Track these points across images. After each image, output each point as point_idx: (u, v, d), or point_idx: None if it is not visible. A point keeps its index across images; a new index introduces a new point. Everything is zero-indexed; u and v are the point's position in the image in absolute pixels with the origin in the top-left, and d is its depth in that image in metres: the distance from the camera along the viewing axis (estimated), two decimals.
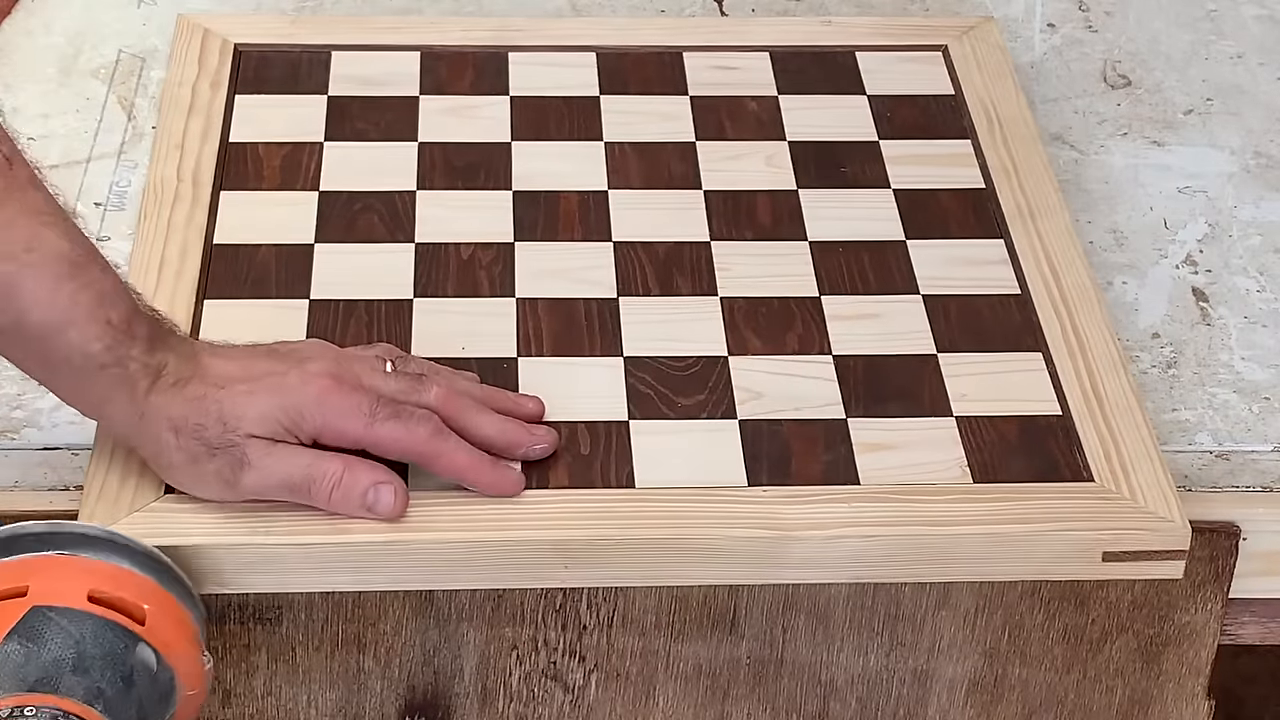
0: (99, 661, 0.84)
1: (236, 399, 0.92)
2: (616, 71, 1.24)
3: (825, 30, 1.29)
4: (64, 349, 0.91)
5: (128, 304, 0.93)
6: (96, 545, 0.88)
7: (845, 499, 0.97)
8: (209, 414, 0.92)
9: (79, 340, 0.90)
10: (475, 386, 1.00)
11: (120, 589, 0.87)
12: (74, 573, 0.87)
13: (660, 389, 1.03)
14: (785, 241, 1.12)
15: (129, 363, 0.91)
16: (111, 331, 0.91)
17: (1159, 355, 1.09)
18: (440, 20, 1.31)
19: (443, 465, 0.95)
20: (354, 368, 0.95)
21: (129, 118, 1.22)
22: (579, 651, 1.00)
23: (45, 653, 0.84)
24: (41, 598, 0.85)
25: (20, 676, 0.83)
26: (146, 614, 0.87)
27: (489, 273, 1.09)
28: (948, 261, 1.11)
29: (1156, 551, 0.97)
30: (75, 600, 0.85)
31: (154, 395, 0.92)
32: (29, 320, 0.90)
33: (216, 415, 0.92)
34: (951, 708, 1.03)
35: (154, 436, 0.92)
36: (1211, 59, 1.32)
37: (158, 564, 0.89)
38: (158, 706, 0.86)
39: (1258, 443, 1.04)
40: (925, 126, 1.21)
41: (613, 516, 0.96)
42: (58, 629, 0.84)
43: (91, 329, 0.91)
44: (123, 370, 0.91)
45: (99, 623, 0.85)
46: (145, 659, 0.86)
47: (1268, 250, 1.17)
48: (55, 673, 0.83)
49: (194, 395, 0.92)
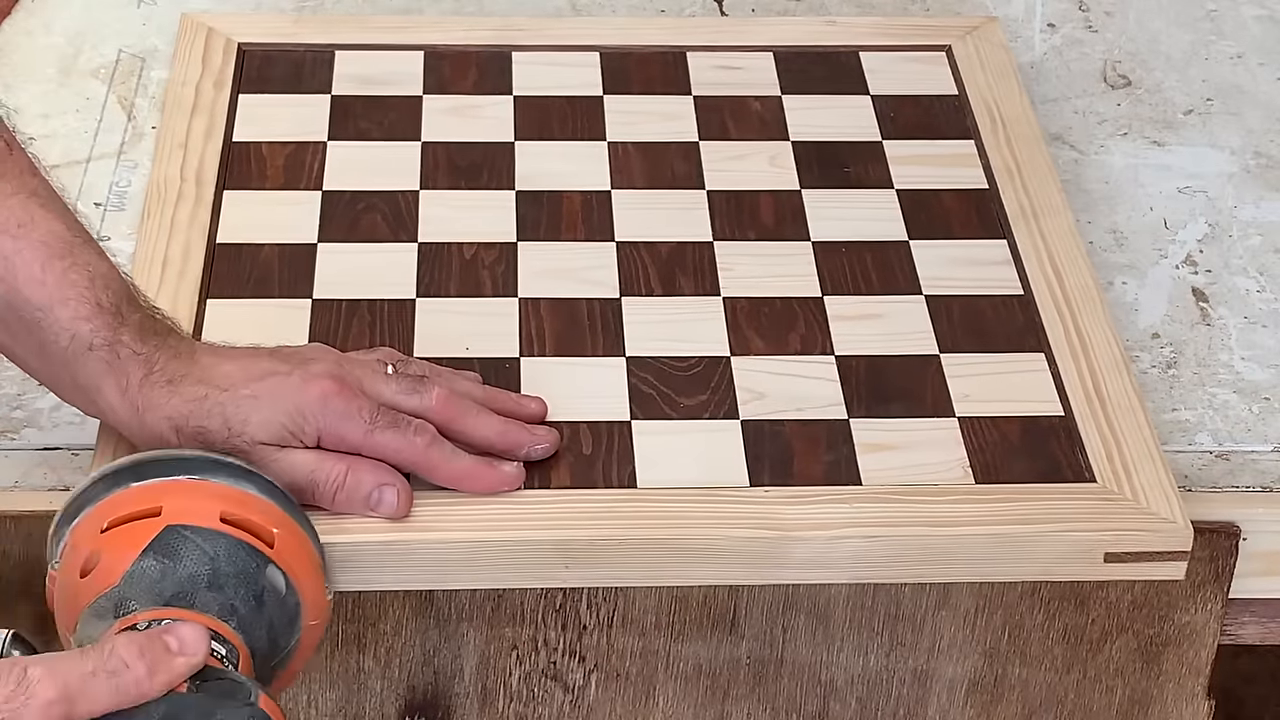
0: (233, 579, 0.85)
1: (240, 403, 0.92)
2: (620, 71, 1.24)
3: (828, 30, 1.29)
4: (54, 328, 0.91)
5: (120, 290, 0.93)
6: (225, 471, 0.89)
7: (847, 499, 0.97)
8: (212, 417, 0.92)
9: (68, 319, 0.91)
10: (476, 387, 1.00)
11: (250, 512, 0.88)
12: (206, 495, 0.88)
13: (662, 389, 1.03)
14: (788, 241, 1.12)
15: (119, 348, 0.91)
16: (101, 313, 0.91)
17: (1159, 355, 1.09)
18: (443, 20, 1.31)
19: (440, 475, 0.95)
20: (355, 371, 0.95)
21: (129, 118, 1.22)
22: (579, 651, 1.00)
23: (181, 569, 0.84)
24: (175, 517, 0.86)
25: (156, 591, 0.84)
26: (275, 538, 0.88)
27: (491, 272, 1.09)
28: (950, 262, 1.11)
29: (1158, 553, 0.97)
30: (208, 520, 0.86)
31: (149, 390, 0.92)
32: (20, 297, 0.90)
33: (220, 419, 0.92)
34: (951, 708, 1.03)
35: (155, 434, 0.92)
36: (1211, 59, 1.32)
37: (283, 494, 0.90)
38: (285, 630, 0.87)
39: (1258, 443, 1.04)
40: (928, 127, 1.21)
41: (614, 516, 0.96)
42: (193, 546, 0.85)
43: (82, 308, 0.91)
44: (112, 355, 0.91)
45: (232, 542, 0.86)
46: (275, 581, 0.87)
47: (1268, 250, 1.17)
48: (191, 588, 0.84)
49: (194, 395, 0.92)
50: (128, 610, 0.83)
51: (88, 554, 0.86)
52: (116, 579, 0.84)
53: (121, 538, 0.86)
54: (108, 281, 0.92)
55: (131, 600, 0.83)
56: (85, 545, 0.86)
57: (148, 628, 0.81)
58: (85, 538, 0.87)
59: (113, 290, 0.92)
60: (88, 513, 0.88)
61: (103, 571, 0.85)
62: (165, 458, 0.89)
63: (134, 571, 0.84)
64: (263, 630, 0.86)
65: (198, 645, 0.78)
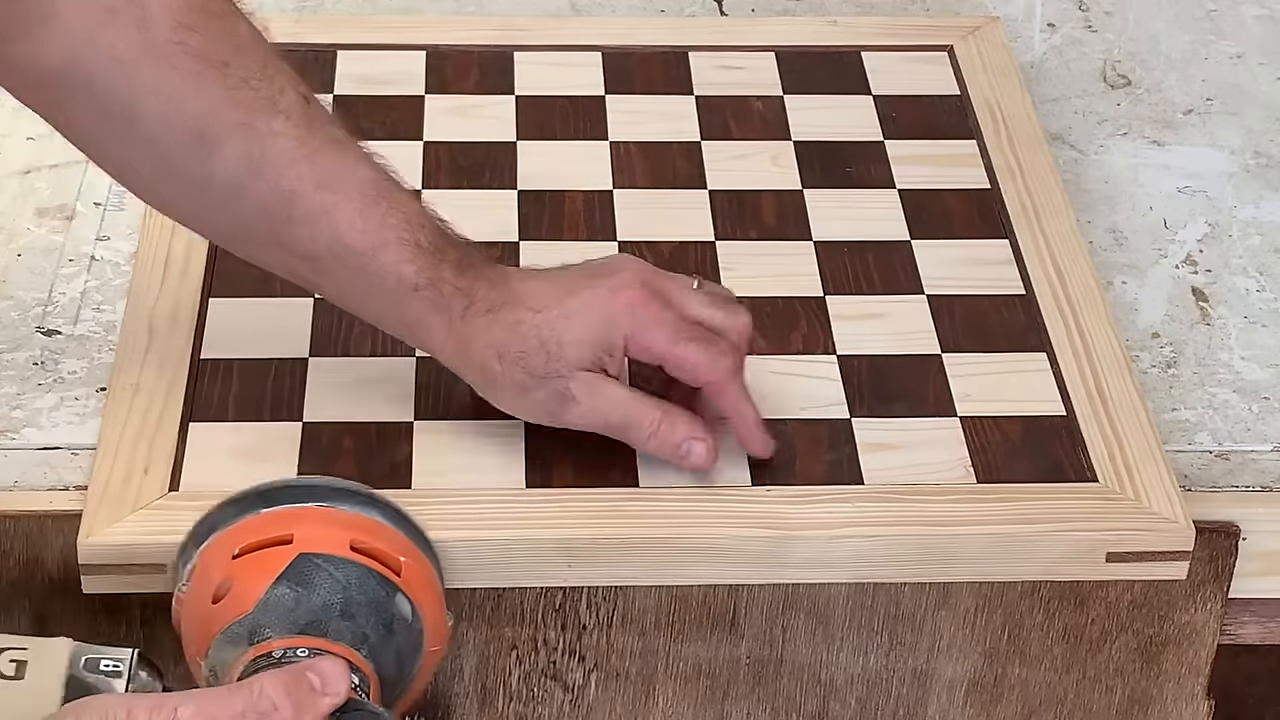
0: (364, 608, 0.85)
1: (554, 323, 0.93)
2: (622, 71, 1.24)
3: (830, 30, 1.29)
4: (378, 272, 0.93)
5: (435, 227, 0.95)
6: (353, 499, 0.89)
7: (849, 499, 0.97)
8: (529, 340, 0.93)
9: (392, 263, 0.93)
10: None
11: (378, 541, 0.88)
12: (336, 523, 0.88)
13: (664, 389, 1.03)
14: (790, 241, 1.12)
15: (442, 285, 0.94)
16: (422, 254, 0.94)
17: (1159, 355, 1.09)
18: (445, 19, 1.31)
19: (727, 403, 0.96)
20: (663, 283, 0.96)
21: None
22: (579, 651, 1.00)
23: (314, 597, 0.85)
24: (307, 545, 0.86)
25: (291, 619, 0.84)
26: (402, 566, 0.88)
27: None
28: (952, 261, 1.11)
29: (1160, 552, 0.97)
30: (339, 549, 0.87)
31: (471, 321, 0.94)
32: (343, 245, 0.93)
33: (538, 342, 0.93)
34: (951, 708, 1.03)
35: (479, 364, 0.95)
36: (1211, 59, 1.32)
37: (408, 521, 0.90)
38: (411, 657, 0.88)
39: (1257, 442, 1.04)
40: (930, 126, 1.21)
41: (617, 515, 0.96)
42: (325, 575, 0.86)
43: (404, 251, 0.93)
44: (436, 293, 0.94)
45: (363, 570, 0.87)
46: (403, 609, 0.87)
47: (1268, 250, 1.17)
48: (325, 616, 0.85)
49: (511, 320, 0.94)
50: (262, 637, 0.84)
51: (219, 580, 0.86)
52: (250, 606, 0.85)
53: (254, 565, 0.86)
54: (423, 220, 0.95)
55: (266, 628, 0.84)
56: (217, 571, 0.87)
57: (283, 655, 0.82)
58: (216, 563, 0.87)
59: (428, 229, 0.95)
60: (217, 537, 0.88)
61: (235, 598, 0.85)
62: (294, 484, 0.90)
63: (268, 599, 0.85)
64: (392, 658, 0.86)
65: (340, 684, 0.77)
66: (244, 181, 0.93)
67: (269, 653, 0.83)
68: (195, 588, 0.87)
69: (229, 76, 0.92)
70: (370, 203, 0.93)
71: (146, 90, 0.91)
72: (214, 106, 0.92)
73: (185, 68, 0.91)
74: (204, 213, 0.96)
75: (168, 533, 0.93)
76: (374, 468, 0.98)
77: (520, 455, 0.99)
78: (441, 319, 0.94)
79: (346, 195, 0.93)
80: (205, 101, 0.92)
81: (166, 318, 1.05)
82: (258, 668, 0.82)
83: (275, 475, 0.96)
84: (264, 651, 0.83)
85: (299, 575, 0.85)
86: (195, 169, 0.93)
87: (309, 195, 0.93)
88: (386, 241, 0.93)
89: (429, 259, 0.94)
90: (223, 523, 0.89)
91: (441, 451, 0.99)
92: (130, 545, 0.93)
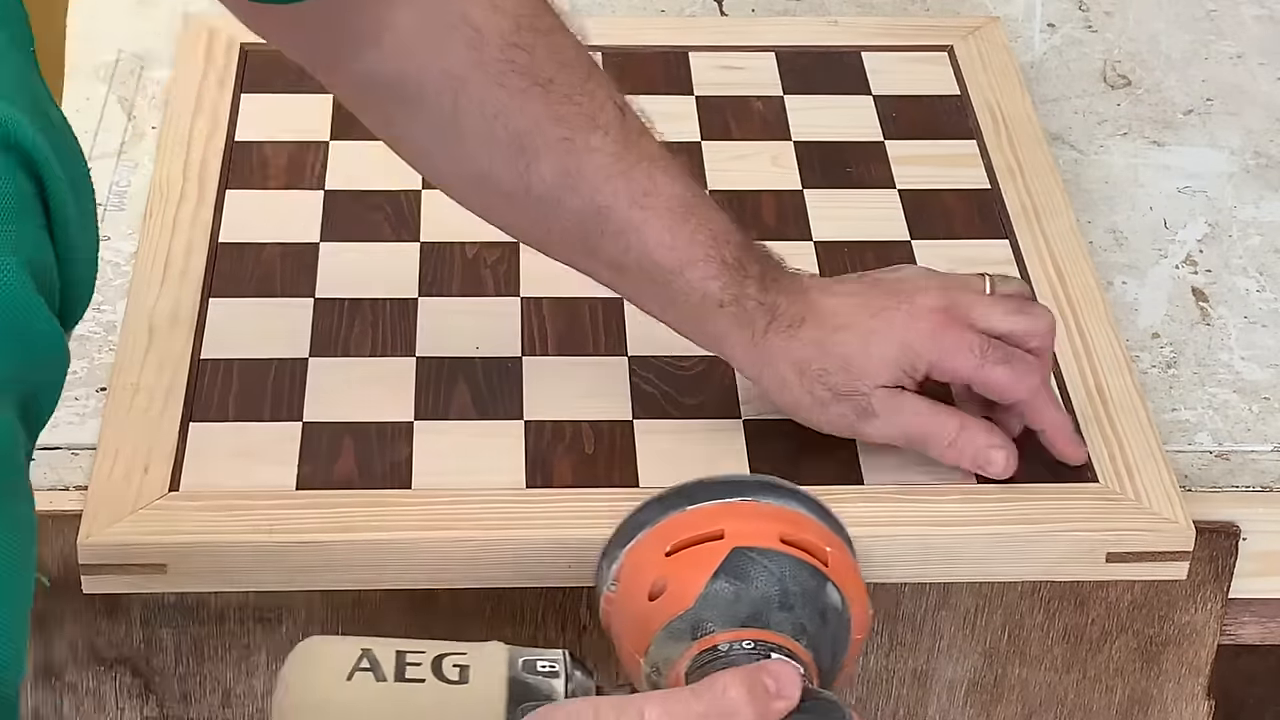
0: (800, 598, 0.86)
1: (856, 342, 0.95)
2: (622, 71, 1.24)
3: (831, 30, 1.29)
4: (684, 287, 0.95)
5: (739, 242, 0.97)
6: (776, 492, 0.90)
7: (850, 499, 0.97)
8: (831, 357, 0.95)
9: (698, 279, 0.95)
10: None
11: (805, 533, 0.89)
12: (765, 517, 0.89)
13: (664, 389, 1.03)
14: (790, 241, 1.12)
15: (745, 301, 0.95)
16: (727, 270, 0.95)
17: (1159, 355, 1.09)
18: None
19: (1039, 417, 0.97)
20: (962, 299, 0.97)
21: (129, 118, 1.22)
22: (579, 651, 1.00)
23: (753, 590, 0.86)
24: (739, 539, 0.87)
25: (732, 613, 0.85)
26: (828, 556, 0.88)
27: (494, 272, 1.09)
28: (953, 262, 1.11)
29: (1160, 553, 0.97)
30: (769, 541, 0.87)
31: (773, 337, 0.95)
32: (652, 260, 0.95)
33: (840, 360, 0.95)
34: (951, 708, 1.03)
35: (778, 376, 0.96)
36: (1211, 59, 1.32)
37: (828, 513, 0.91)
38: (841, 646, 0.88)
39: (1257, 443, 1.04)
40: (931, 127, 1.21)
41: (617, 515, 0.95)
42: (761, 568, 0.86)
43: (709, 268, 0.95)
44: (740, 309, 0.95)
45: (795, 562, 0.87)
46: (833, 598, 0.88)
47: (1268, 250, 1.17)
48: (764, 609, 0.85)
49: (813, 337, 0.95)
50: (706, 632, 0.85)
51: (654, 578, 0.87)
52: (690, 602, 0.85)
53: (688, 561, 0.87)
54: (728, 236, 0.96)
55: (708, 622, 0.85)
56: (650, 569, 0.88)
57: (729, 649, 0.83)
58: (648, 561, 0.88)
59: (733, 244, 0.96)
60: (643, 536, 0.89)
61: (673, 595, 0.86)
62: (718, 480, 0.90)
63: (707, 594, 0.86)
64: (827, 648, 0.87)
65: (793, 688, 0.76)
66: (560, 195, 0.95)
67: (714, 646, 0.84)
68: (626, 587, 0.89)
69: (553, 93, 0.94)
70: (679, 220, 0.95)
71: (473, 107, 0.94)
72: (537, 123, 0.94)
73: (512, 85, 0.94)
74: (519, 221, 0.99)
75: (168, 533, 0.93)
76: (374, 468, 0.98)
77: (520, 455, 0.99)
78: (744, 334, 0.96)
79: (656, 212, 0.95)
80: (529, 118, 0.94)
81: (166, 318, 1.05)
82: (704, 662, 0.84)
83: (275, 475, 0.96)
84: (709, 645, 0.84)
85: (735, 569, 0.86)
86: (514, 181, 0.95)
87: (621, 211, 0.95)
88: (694, 259, 0.95)
89: (733, 275, 0.95)
90: (648, 522, 0.90)
91: (441, 451, 0.99)
92: (130, 545, 0.93)
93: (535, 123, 0.94)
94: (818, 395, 0.96)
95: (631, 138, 0.96)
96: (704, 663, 0.83)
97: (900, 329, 0.95)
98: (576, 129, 0.95)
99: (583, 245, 0.97)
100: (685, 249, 0.95)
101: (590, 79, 0.96)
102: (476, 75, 0.94)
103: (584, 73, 0.96)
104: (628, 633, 0.88)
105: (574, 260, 0.99)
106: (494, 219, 1.00)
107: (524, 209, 0.97)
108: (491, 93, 0.94)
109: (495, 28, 0.94)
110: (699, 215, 0.96)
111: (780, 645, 0.84)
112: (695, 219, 0.96)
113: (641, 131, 0.97)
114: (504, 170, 0.95)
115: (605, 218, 0.95)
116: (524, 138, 0.94)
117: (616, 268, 0.97)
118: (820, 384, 0.95)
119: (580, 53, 0.97)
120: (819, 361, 0.95)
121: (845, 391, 0.95)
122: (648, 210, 0.95)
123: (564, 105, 0.95)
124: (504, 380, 1.02)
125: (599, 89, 0.96)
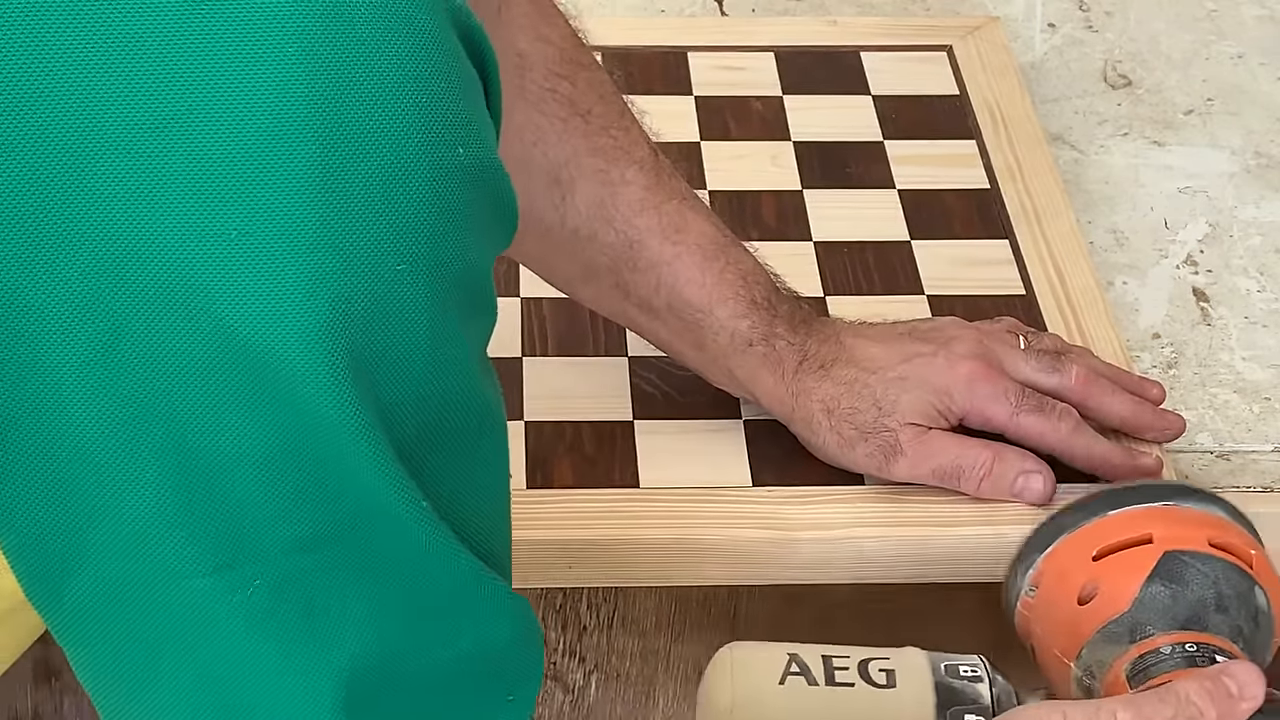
0: (1234, 601, 0.86)
1: (889, 385, 0.94)
2: (622, 71, 1.24)
3: (830, 30, 1.29)
4: (714, 326, 0.95)
5: (768, 283, 0.97)
6: (1195, 497, 0.90)
7: (850, 499, 0.97)
8: (862, 398, 0.94)
9: (727, 317, 0.95)
10: (1103, 364, 1.01)
11: (1230, 536, 0.89)
12: (1192, 521, 0.89)
13: (665, 389, 1.03)
14: (790, 241, 1.12)
15: (775, 340, 0.95)
16: (756, 310, 0.95)
17: (1159, 355, 1.09)
18: None
19: (1080, 460, 0.96)
20: (996, 350, 0.97)
21: None
22: (579, 652, 1.00)
23: (1189, 593, 0.86)
24: (1170, 543, 0.87)
25: (1169, 615, 0.85)
26: (1253, 560, 0.89)
27: (494, 271, 1.09)
28: (953, 262, 1.11)
29: None
30: (1198, 545, 0.88)
31: (803, 376, 0.95)
32: (682, 298, 0.95)
33: (871, 400, 0.94)
34: None
35: (806, 416, 0.96)
36: (1211, 59, 1.32)
37: (1243, 515, 0.91)
38: (1266, 649, 0.88)
39: (1258, 443, 1.04)
40: (930, 127, 1.21)
41: (617, 516, 0.96)
42: (1195, 571, 0.87)
43: (739, 307, 0.95)
44: (769, 348, 0.95)
45: (1226, 565, 0.87)
46: (1260, 601, 0.88)
47: (1268, 250, 1.17)
48: (1201, 612, 0.86)
49: (845, 379, 0.95)
50: (1145, 634, 0.85)
51: (1083, 582, 0.88)
52: (1126, 605, 0.86)
53: (1119, 565, 0.88)
54: (757, 277, 0.96)
55: (1146, 625, 0.85)
56: (1078, 574, 0.88)
57: (1171, 651, 0.83)
58: (1074, 565, 0.89)
59: (762, 285, 0.96)
60: (1064, 541, 0.90)
61: (1106, 598, 0.86)
62: (1133, 487, 0.91)
63: (1142, 597, 0.86)
64: (1262, 651, 0.87)
65: (1257, 689, 0.75)
66: (594, 226, 0.95)
67: (1155, 649, 0.84)
68: (1048, 591, 0.89)
69: (592, 124, 0.95)
70: (709, 257, 0.95)
71: (514, 131, 0.93)
72: (575, 152, 0.94)
73: (553, 113, 0.94)
74: (551, 255, 0.99)
75: None
76: None
77: (521, 456, 0.99)
78: (774, 374, 0.96)
79: (688, 248, 0.95)
80: (568, 147, 0.94)
81: None
82: (1146, 665, 0.84)
83: None
84: (1150, 649, 0.84)
85: (1169, 572, 0.86)
86: (549, 211, 0.95)
87: (654, 246, 0.95)
88: (724, 297, 0.95)
89: (763, 315, 0.95)
90: (1067, 527, 0.90)
91: None
92: None
93: (574, 153, 0.95)
94: (846, 435, 0.95)
95: (664, 175, 0.97)
96: (1146, 665, 0.84)
97: (935, 374, 0.95)
98: (613, 161, 0.95)
99: (614, 281, 0.97)
100: (715, 287, 0.95)
101: (625, 114, 0.97)
102: (520, 102, 0.93)
103: (620, 107, 0.97)
104: (1055, 637, 0.88)
105: (603, 300, 0.99)
106: (526, 252, 1.00)
107: (559, 243, 0.97)
108: (533, 119, 0.94)
109: (541, 56, 0.94)
110: (729, 255, 0.96)
111: (1221, 648, 0.84)
112: (725, 258, 0.96)
113: (672, 171, 0.98)
114: (540, 199, 0.95)
115: (637, 252, 0.95)
116: (561, 169, 0.95)
117: (647, 308, 0.97)
118: (848, 423, 0.95)
119: (615, 91, 0.97)
120: (848, 400, 0.95)
121: (872, 430, 0.95)
122: (679, 246, 0.95)
123: (601, 137, 0.95)
124: (504, 380, 1.02)
125: (633, 125, 0.97)
